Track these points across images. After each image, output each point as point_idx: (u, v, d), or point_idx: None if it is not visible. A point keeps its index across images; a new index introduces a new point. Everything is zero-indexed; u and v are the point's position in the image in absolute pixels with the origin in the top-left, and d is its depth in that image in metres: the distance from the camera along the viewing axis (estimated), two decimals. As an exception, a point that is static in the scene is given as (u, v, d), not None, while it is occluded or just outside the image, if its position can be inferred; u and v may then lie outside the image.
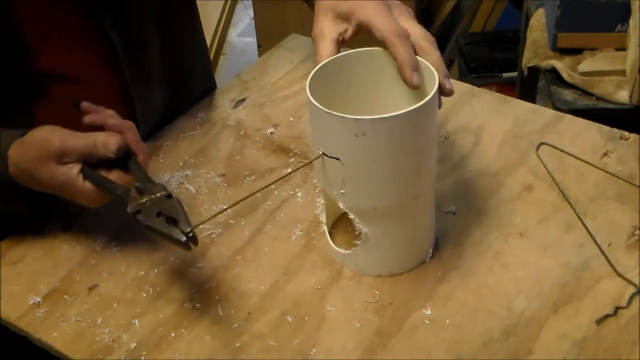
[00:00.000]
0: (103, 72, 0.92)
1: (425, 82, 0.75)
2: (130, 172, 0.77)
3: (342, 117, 0.69)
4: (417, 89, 0.75)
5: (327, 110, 0.69)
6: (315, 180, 0.87)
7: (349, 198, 0.75)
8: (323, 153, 0.73)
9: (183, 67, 1.06)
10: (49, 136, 0.76)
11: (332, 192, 0.76)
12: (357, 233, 0.78)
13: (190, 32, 1.08)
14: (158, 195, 0.72)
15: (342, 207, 0.76)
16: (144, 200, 0.72)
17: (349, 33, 0.81)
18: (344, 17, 0.80)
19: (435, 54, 0.77)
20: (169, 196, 0.72)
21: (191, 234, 0.68)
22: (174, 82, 1.04)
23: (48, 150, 0.75)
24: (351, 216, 0.76)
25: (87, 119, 0.83)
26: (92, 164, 0.77)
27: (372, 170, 0.72)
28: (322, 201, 0.83)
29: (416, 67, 0.75)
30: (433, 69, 0.74)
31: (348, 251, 0.80)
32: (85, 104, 0.84)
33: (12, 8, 0.81)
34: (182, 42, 1.05)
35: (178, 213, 0.70)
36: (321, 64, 0.76)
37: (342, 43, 0.81)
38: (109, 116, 0.82)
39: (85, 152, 0.76)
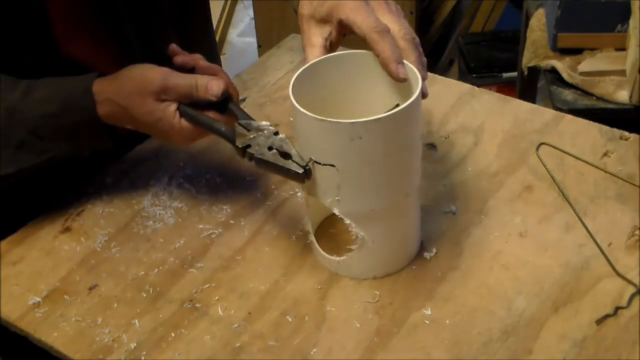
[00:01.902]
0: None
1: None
2: (228, 114, 0.79)
3: (337, 122, 0.68)
4: (403, 82, 0.74)
5: (319, 117, 0.69)
6: (299, 192, 0.87)
7: (345, 203, 0.74)
8: (315, 162, 0.72)
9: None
10: (149, 73, 0.79)
11: (326, 199, 0.75)
12: (349, 238, 0.78)
13: (204, 33, 1.09)
14: (265, 131, 0.74)
15: (337, 214, 0.75)
16: (252, 136, 0.73)
17: (334, 35, 0.80)
18: (325, 20, 0.80)
19: (414, 54, 0.76)
20: (277, 133, 0.74)
21: (307, 167, 0.71)
22: None
23: (148, 86, 0.78)
24: (347, 221, 0.76)
25: (178, 59, 0.85)
26: (188, 104, 0.79)
27: (368, 172, 0.72)
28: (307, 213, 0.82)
29: (400, 60, 0.74)
30: (411, 65, 0.74)
31: (343, 257, 0.79)
32: (173, 46, 0.86)
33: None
34: (196, 42, 1.05)
35: (290, 147, 0.72)
36: (299, 71, 0.75)
37: (332, 47, 0.80)
38: (200, 58, 0.85)
39: (184, 92, 0.78)
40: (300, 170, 0.71)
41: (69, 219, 0.89)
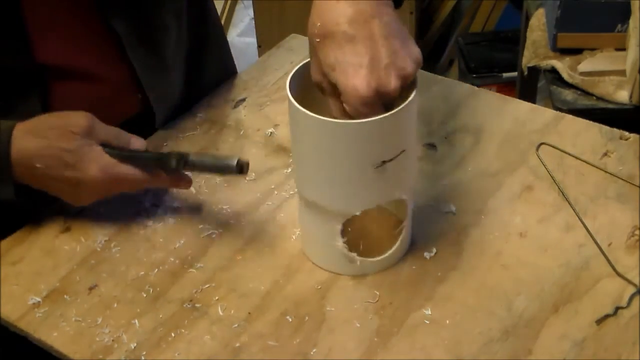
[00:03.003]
0: (112, 64, 0.92)
1: None
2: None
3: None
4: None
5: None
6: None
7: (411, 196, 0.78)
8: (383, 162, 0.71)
9: (199, 51, 1.06)
10: (78, 114, 0.79)
11: (392, 198, 0.76)
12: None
13: (206, 16, 1.08)
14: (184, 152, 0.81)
15: (409, 209, 0.78)
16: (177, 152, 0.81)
17: None
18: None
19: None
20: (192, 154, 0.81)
21: (239, 161, 0.77)
22: (190, 66, 1.04)
23: (74, 123, 0.78)
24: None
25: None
26: None
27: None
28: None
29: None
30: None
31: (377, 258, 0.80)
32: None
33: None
34: (197, 27, 1.04)
35: (217, 155, 0.83)
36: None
37: None
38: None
39: (108, 139, 0.80)
40: (234, 162, 0.77)
41: (69, 219, 0.89)
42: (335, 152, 0.71)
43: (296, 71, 0.75)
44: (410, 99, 0.70)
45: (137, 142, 0.82)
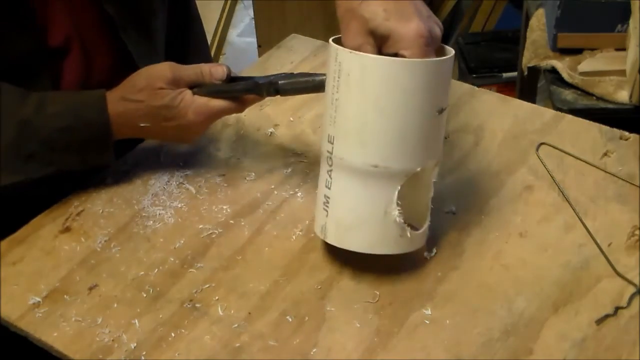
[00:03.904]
0: (108, 48, 0.95)
1: None
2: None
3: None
4: None
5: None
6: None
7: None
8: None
9: (180, 37, 1.10)
10: (157, 68, 0.85)
11: (439, 155, 0.77)
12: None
13: (192, 27, 1.13)
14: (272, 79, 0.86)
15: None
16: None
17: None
18: None
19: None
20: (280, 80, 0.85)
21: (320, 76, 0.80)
22: (172, 53, 1.06)
23: (159, 78, 0.84)
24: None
25: None
26: None
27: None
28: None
29: None
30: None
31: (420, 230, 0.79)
32: None
33: None
34: (179, 13, 1.07)
35: (303, 75, 0.85)
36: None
37: None
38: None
39: (193, 80, 0.86)
40: (324, 78, 0.76)
41: (69, 219, 0.89)
42: (407, 97, 0.71)
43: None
44: (452, 54, 0.74)
45: (218, 71, 0.86)
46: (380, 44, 0.72)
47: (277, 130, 1.02)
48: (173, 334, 0.75)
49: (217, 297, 0.79)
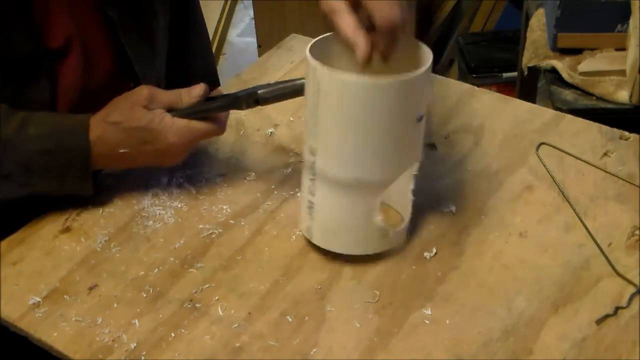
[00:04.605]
0: (106, 52, 0.95)
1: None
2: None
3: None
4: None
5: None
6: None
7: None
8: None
9: (188, 67, 1.09)
10: (135, 90, 0.84)
11: (418, 159, 0.77)
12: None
13: (195, 30, 1.12)
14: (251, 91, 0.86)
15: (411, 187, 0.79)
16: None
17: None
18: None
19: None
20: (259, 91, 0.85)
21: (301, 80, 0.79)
22: (173, 54, 1.06)
23: (135, 98, 0.83)
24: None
25: None
26: None
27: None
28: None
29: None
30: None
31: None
32: None
33: None
34: (187, 41, 1.06)
35: (282, 83, 0.85)
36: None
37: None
38: None
39: (171, 100, 0.84)
40: (302, 82, 0.77)
41: (69, 219, 0.89)
42: (386, 114, 0.71)
43: (314, 44, 0.76)
44: (429, 63, 0.72)
45: (196, 88, 0.86)
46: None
47: (277, 130, 1.02)
48: (173, 334, 0.75)
49: (217, 297, 0.79)
